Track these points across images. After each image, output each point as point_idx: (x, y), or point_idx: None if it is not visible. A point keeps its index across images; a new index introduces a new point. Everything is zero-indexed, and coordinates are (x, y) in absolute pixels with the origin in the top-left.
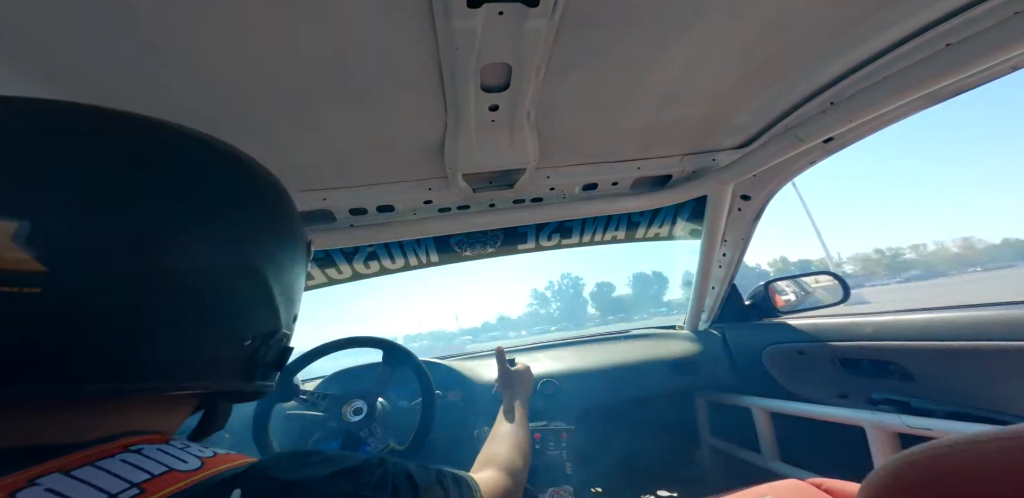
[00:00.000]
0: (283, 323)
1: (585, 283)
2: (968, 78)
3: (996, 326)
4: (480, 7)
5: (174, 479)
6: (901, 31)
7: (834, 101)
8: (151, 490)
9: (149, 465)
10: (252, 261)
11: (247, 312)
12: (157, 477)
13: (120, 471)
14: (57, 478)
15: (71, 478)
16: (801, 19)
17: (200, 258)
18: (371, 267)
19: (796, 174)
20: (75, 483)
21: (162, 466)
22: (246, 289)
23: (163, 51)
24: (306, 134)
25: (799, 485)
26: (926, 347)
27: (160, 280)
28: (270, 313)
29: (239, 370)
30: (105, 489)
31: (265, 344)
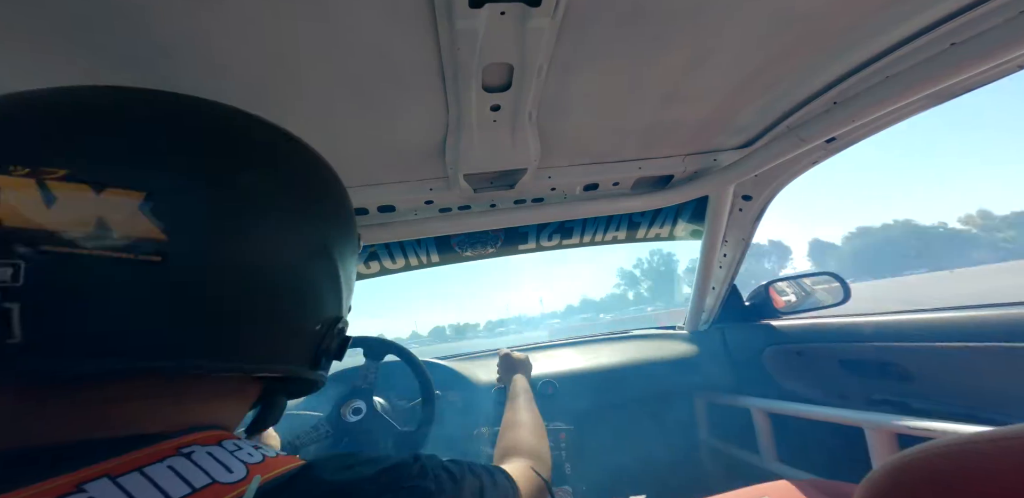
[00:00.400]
0: (344, 312)
1: (678, 259)
2: (973, 77)
3: (994, 327)
4: (482, 7)
5: (214, 494)
6: (905, 30)
7: (837, 101)
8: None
9: (193, 475)
10: (326, 242)
11: (319, 295)
12: (198, 492)
13: (164, 482)
14: (103, 485)
15: (116, 486)
16: (804, 18)
17: (287, 240)
18: (371, 267)
19: (798, 174)
20: (118, 493)
21: (206, 477)
22: (320, 271)
23: (166, 52)
24: (306, 134)
25: (798, 486)
26: (925, 348)
27: (256, 259)
28: (336, 298)
29: (309, 356)
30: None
31: (331, 331)
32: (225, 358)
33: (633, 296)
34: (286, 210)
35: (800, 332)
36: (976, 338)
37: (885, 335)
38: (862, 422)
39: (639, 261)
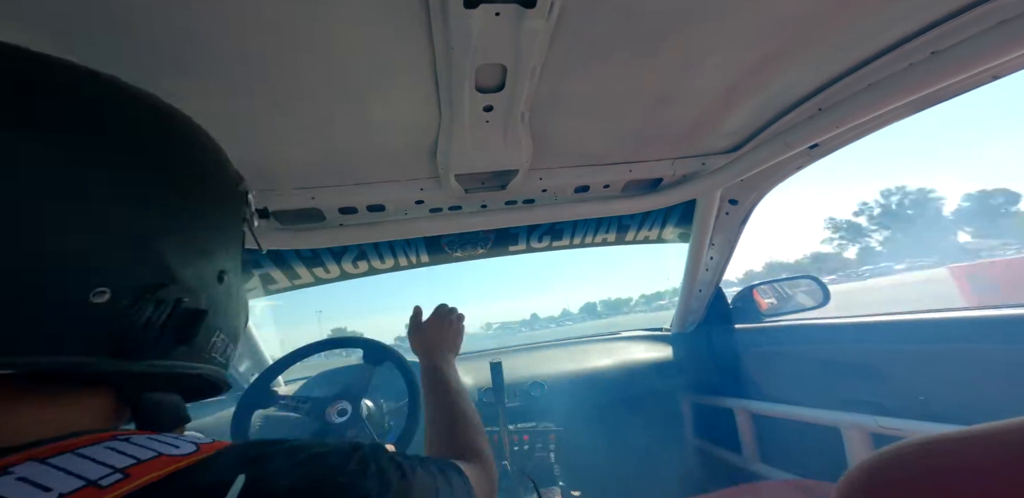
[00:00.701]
0: (180, 277)
1: (944, 198)
2: (951, 86)
3: (966, 329)
4: (477, 8)
5: (163, 463)
6: (888, 39)
7: (822, 107)
8: (137, 474)
9: (136, 451)
10: (74, 177)
11: (84, 250)
12: (145, 462)
13: (103, 458)
14: (31, 466)
15: (47, 466)
16: (790, 26)
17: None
18: (360, 267)
19: (782, 179)
20: (51, 470)
21: (151, 451)
22: (72, 213)
23: (154, 49)
24: (297, 132)
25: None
26: (900, 349)
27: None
28: (142, 257)
29: (102, 340)
30: (84, 476)
31: (142, 302)
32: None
33: (857, 253)
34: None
35: (782, 334)
36: (948, 340)
37: (863, 337)
38: (839, 422)
39: (864, 206)
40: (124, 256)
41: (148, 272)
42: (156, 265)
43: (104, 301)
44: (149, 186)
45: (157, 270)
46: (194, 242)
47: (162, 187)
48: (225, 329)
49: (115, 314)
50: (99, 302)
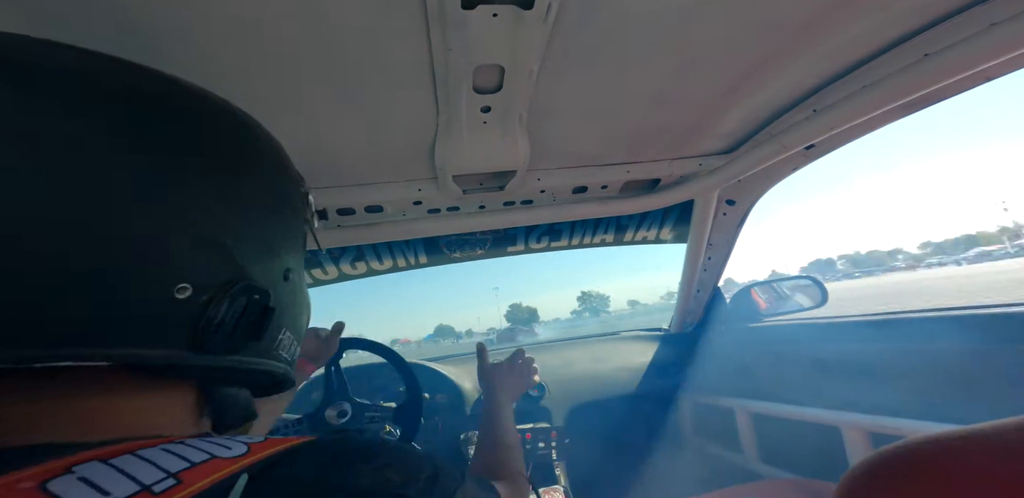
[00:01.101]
0: (251, 275)
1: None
2: (944, 88)
3: (966, 328)
4: (474, 9)
5: (215, 467)
6: (881, 41)
7: (816, 108)
8: (189, 480)
9: (190, 453)
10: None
11: (167, 249)
12: (197, 466)
13: (159, 460)
14: (94, 466)
15: (109, 466)
16: (786, 27)
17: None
18: (358, 268)
19: (779, 180)
20: (112, 472)
21: (204, 453)
22: (158, 216)
23: (152, 49)
24: (294, 133)
25: (779, 485)
26: (900, 348)
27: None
28: (219, 256)
29: (181, 334)
30: (139, 480)
31: (218, 299)
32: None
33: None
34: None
35: (781, 334)
36: (948, 339)
37: (863, 335)
38: (839, 422)
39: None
40: (203, 255)
41: (224, 270)
42: (230, 264)
43: (186, 297)
44: (225, 189)
45: (231, 268)
46: (263, 242)
47: (235, 190)
48: (291, 327)
49: (195, 310)
50: (181, 298)
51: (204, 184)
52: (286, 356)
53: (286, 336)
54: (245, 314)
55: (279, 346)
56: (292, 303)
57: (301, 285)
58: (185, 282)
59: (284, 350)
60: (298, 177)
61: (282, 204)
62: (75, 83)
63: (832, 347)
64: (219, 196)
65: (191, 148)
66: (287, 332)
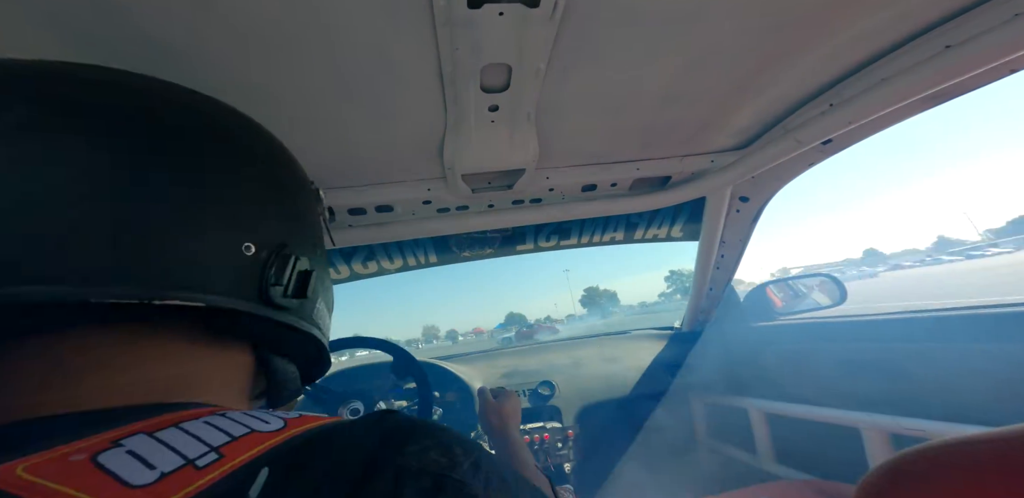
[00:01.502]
0: (294, 241)
1: None
2: (967, 80)
3: (990, 327)
4: (481, 8)
5: (255, 441)
6: (901, 32)
7: (833, 103)
8: (230, 455)
9: (231, 427)
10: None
11: (243, 210)
12: (238, 439)
13: (201, 433)
14: (141, 440)
15: (154, 440)
16: (799, 20)
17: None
18: (369, 267)
19: (795, 176)
20: (157, 445)
21: (244, 428)
22: (236, 184)
23: (158, 49)
24: (304, 133)
25: (795, 486)
26: (920, 348)
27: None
28: (275, 222)
29: (250, 288)
30: (184, 453)
31: (274, 258)
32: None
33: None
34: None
35: (797, 332)
36: (972, 338)
37: (883, 334)
38: (858, 422)
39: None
40: (268, 220)
41: (275, 235)
42: (279, 229)
43: (252, 254)
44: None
45: (280, 234)
46: (296, 216)
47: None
48: (324, 298)
49: (257, 267)
50: (248, 255)
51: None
52: (322, 326)
53: (321, 305)
54: (293, 273)
55: (317, 315)
56: (323, 275)
57: (326, 266)
58: (250, 241)
59: (320, 319)
60: (305, 174)
61: (300, 188)
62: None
63: (851, 346)
64: (260, 179)
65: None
66: (321, 302)
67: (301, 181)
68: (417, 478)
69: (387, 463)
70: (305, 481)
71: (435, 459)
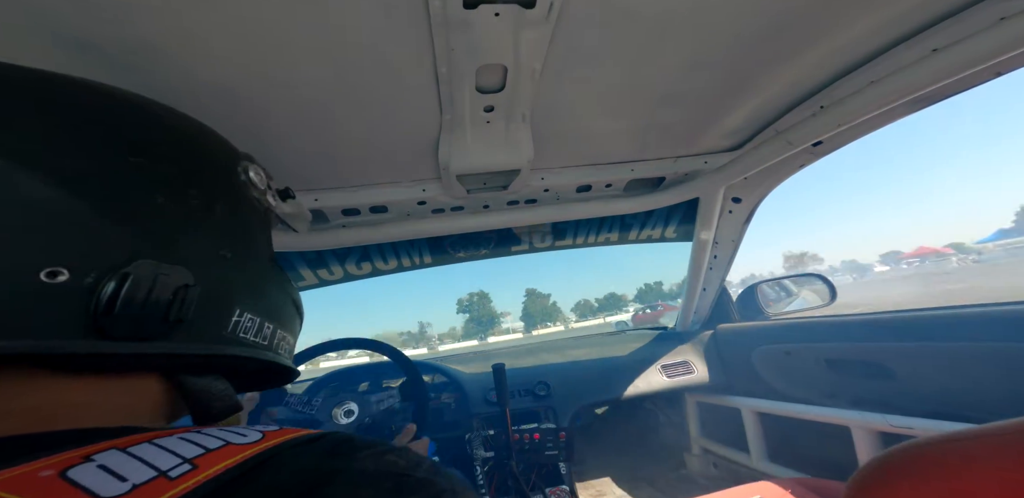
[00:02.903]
0: (155, 253)
1: None
2: (954, 83)
3: (976, 326)
4: (476, 8)
5: (230, 453)
6: (889, 36)
7: (823, 105)
8: (204, 466)
9: (206, 440)
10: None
11: (38, 223)
12: (213, 451)
13: (176, 447)
14: (113, 455)
15: (127, 455)
16: (791, 24)
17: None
18: (363, 268)
19: (786, 177)
20: (129, 460)
21: (219, 441)
22: (34, 187)
23: (151, 48)
24: (298, 134)
25: (787, 485)
26: (908, 347)
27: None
28: (98, 235)
29: (76, 321)
30: (156, 466)
31: (108, 280)
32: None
33: None
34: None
35: (788, 332)
36: (958, 337)
37: (870, 334)
38: (848, 421)
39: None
40: (73, 235)
41: (110, 250)
42: (119, 242)
43: (62, 281)
44: (100, 167)
45: (122, 247)
46: (173, 218)
47: (112, 166)
48: (253, 309)
49: (82, 293)
50: (55, 282)
51: (64, 160)
52: (255, 340)
53: (245, 319)
54: (152, 295)
55: (238, 329)
56: (245, 284)
57: (261, 265)
58: (55, 265)
59: (250, 334)
60: (230, 153)
61: (196, 175)
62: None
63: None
64: (91, 173)
65: (33, 122)
66: (246, 314)
67: (203, 165)
68: (376, 480)
69: (339, 471)
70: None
71: (393, 461)
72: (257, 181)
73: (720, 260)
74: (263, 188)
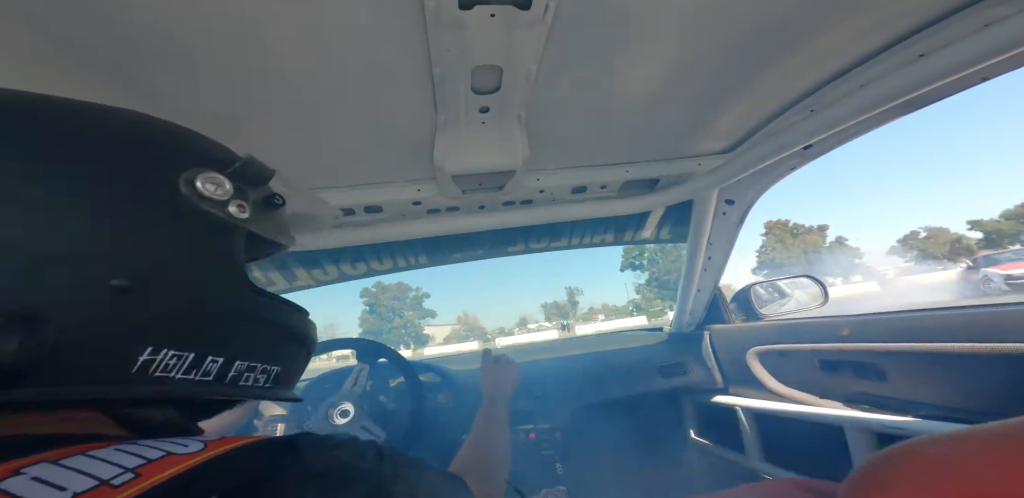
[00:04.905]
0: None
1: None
2: (940, 88)
3: (968, 328)
4: (472, 9)
5: (172, 462)
6: (876, 42)
7: (813, 109)
8: (147, 474)
9: (146, 452)
10: None
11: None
12: (154, 461)
13: (114, 459)
14: (45, 467)
15: (60, 467)
16: (782, 29)
17: None
18: (358, 268)
19: (777, 179)
20: (64, 471)
21: (160, 451)
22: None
23: (155, 49)
24: (293, 134)
25: (782, 485)
26: (901, 349)
27: None
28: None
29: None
30: (96, 475)
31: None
32: None
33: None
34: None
35: (782, 333)
36: (950, 338)
37: (863, 335)
38: (842, 422)
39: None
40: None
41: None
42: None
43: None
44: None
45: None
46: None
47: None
48: (177, 344)
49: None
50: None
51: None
52: (187, 378)
53: (165, 355)
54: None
55: (152, 368)
56: (163, 316)
57: (204, 291)
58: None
59: (175, 372)
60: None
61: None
62: None
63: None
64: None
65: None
66: (166, 351)
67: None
68: (320, 477)
69: (286, 472)
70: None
71: (337, 456)
72: (209, 192)
73: (714, 262)
74: (221, 199)
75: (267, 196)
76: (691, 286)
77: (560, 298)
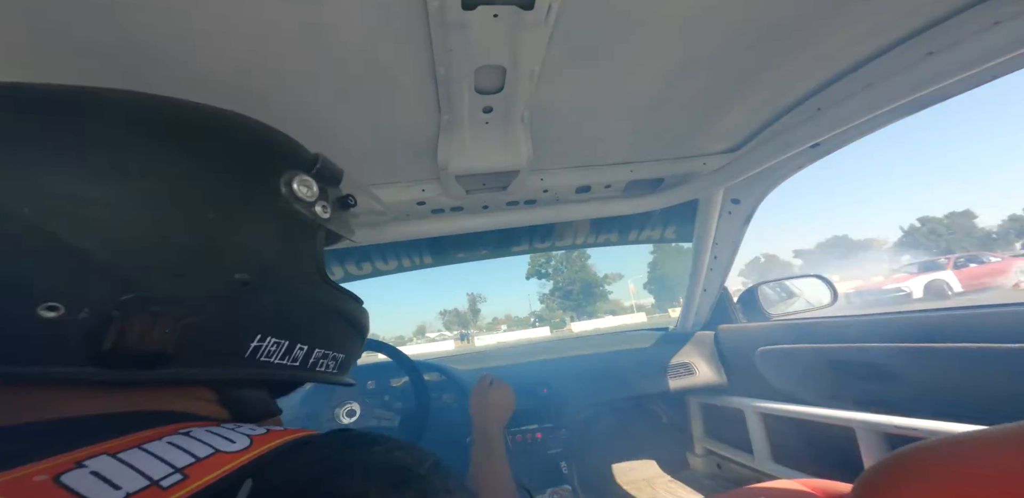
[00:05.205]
0: (152, 287)
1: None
2: (949, 86)
3: (980, 328)
4: (475, 9)
5: (219, 462)
6: (884, 40)
7: (820, 107)
8: (194, 476)
9: (195, 447)
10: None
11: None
12: (202, 460)
13: (165, 454)
14: (104, 460)
15: (118, 461)
16: (788, 27)
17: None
18: (364, 268)
19: (784, 178)
20: (121, 466)
21: (208, 448)
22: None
23: (155, 49)
24: (296, 134)
25: (792, 486)
26: (912, 348)
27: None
28: (96, 272)
29: (78, 352)
30: (148, 474)
31: (103, 314)
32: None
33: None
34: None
35: (790, 333)
36: (963, 338)
37: (873, 335)
38: (853, 422)
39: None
40: (71, 271)
41: (107, 285)
42: (116, 278)
43: (58, 316)
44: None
45: (114, 282)
46: (176, 249)
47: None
48: (278, 332)
49: (79, 327)
50: (51, 317)
51: (59, 190)
52: (283, 363)
53: (269, 343)
54: (139, 330)
55: (259, 354)
56: (269, 308)
57: (299, 285)
58: (51, 301)
59: (274, 357)
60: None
61: (209, 203)
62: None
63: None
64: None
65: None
66: (271, 339)
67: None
68: (385, 474)
69: (354, 463)
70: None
71: (400, 457)
72: (302, 194)
73: (720, 261)
74: (310, 200)
75: (342, 197)
76: (697, 286)
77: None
